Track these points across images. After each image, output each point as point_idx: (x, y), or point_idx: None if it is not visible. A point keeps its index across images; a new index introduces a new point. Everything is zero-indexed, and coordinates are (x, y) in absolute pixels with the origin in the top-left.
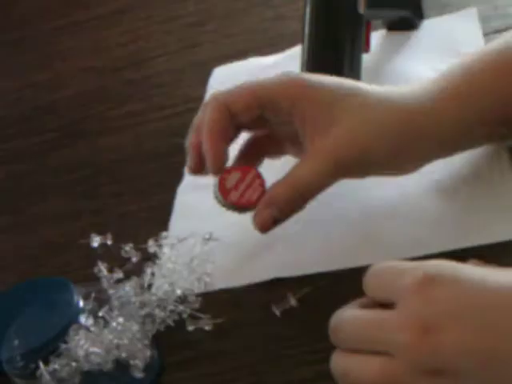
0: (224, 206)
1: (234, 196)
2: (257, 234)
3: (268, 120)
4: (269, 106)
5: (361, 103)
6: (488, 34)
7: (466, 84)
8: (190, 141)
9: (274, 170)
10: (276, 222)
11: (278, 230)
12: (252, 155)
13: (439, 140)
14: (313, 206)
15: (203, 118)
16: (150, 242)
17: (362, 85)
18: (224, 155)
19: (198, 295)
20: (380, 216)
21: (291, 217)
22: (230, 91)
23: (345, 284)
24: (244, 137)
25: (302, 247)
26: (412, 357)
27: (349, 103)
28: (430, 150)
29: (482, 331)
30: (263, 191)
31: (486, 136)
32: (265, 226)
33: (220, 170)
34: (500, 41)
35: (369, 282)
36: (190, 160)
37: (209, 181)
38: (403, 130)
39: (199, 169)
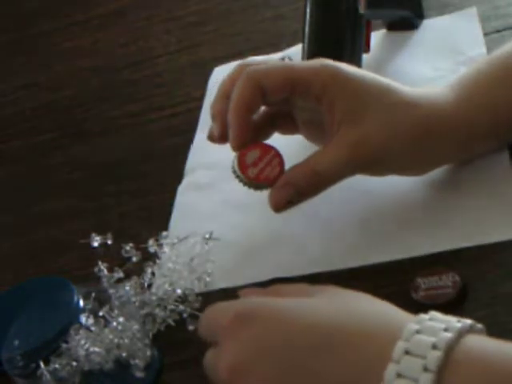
0: (241, 181)
1: (252, 172)
2: (257, 233)
3: (293, 102)
4: (299, 90)
5: (392, 103)
6: (488, 34)
7: (478, 88)
8: (216, 108)
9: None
10: (290, 203)
11: (279, 230)
12: (264, 127)
13: (456, 143)
14: (313, 207)
15: (233, 89)
16: (150, 242)
17: (392, 83)
18: (248, 132)
19: (198, 295)
20: (380, 216)
21: (306, 200)
22: (265, 69)
23: (344, 284)
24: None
25: (301, 247)
26: None
27: (381, 100)
28: (446, 153)
29: (285, 373)
30: (281, 170)
31: (501, 138)
32: (279, 206)
33: (242, 145)
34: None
35: (200, 324)
36: (215, 127)
37: (209, 181)
38: (424, 133)
39: (224, 138)
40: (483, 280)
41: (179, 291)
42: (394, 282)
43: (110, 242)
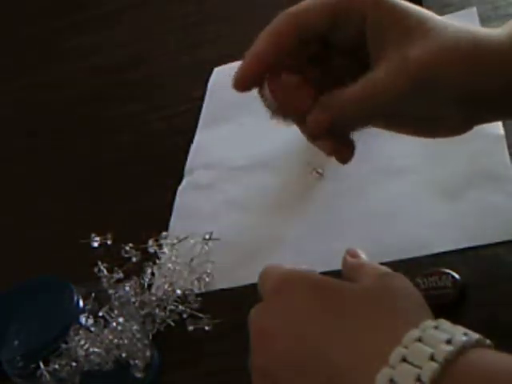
0: (264, 101)
1: (280, 93)
2: (257, 234)
3: (332, 40)
4: (341, 16)
5: (443, 26)
6: None
7: None
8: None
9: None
10: (332, 125)
11: (278, 230)
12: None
13: (506, 80)
14: (312, 207)
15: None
16: (150, 242)
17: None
18: (268, 60)
19: (198, 295)
20: (380, 216)
21: (349, 126)
22: (302, 5)
23: None
24: None
25: (301, 247)
26: (252, 356)
27: (428, 22)
28: (494, 93)
29: (302, 340)
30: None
31: None
32: (319, 129)
33: (245, 83)
34: None
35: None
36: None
37: (209, 181)
38: (476, 69)
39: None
40: (483, 280)
41: (179, 292)
42: None
43: (109, 242)
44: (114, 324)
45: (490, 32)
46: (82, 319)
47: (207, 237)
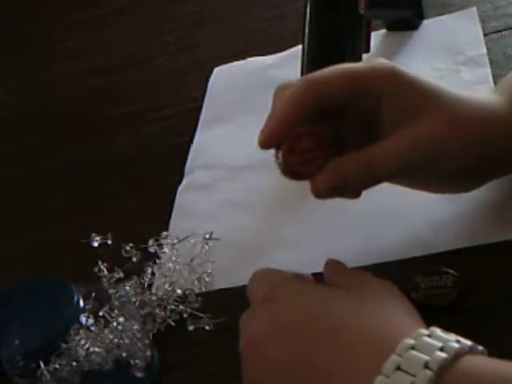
0: (277, 162)
1: (292, 159)
2: (257, 234)
3: (345, 110)
4: (361, 90)
5: (451, 100)
6: (488, 34)
7: None
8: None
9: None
10: (334, 191)
11: (279, 230)
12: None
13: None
14: (313, 206)
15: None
16: (150, 242)
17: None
18: (283, 133)
19: (198, 295)
20: (380, 216)
21: (350, 194)
22: (324, 74)
23: None
24: None
25: (302, 247)
26: (243, 365)
27: (439, 98)
28: (504, 160)
29: (291, 349)
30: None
31: None
32: (320, 191)
33: (269, 145)
34: None
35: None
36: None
37: (209, 181)
38: (484, 130)
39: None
40: (483, 280)
41: (179, 291)
42: (394, 281)
43: (109, 242)
44: (115, 324)
45: (496, 102)
46: (82, 319)
47: (207, 237)
